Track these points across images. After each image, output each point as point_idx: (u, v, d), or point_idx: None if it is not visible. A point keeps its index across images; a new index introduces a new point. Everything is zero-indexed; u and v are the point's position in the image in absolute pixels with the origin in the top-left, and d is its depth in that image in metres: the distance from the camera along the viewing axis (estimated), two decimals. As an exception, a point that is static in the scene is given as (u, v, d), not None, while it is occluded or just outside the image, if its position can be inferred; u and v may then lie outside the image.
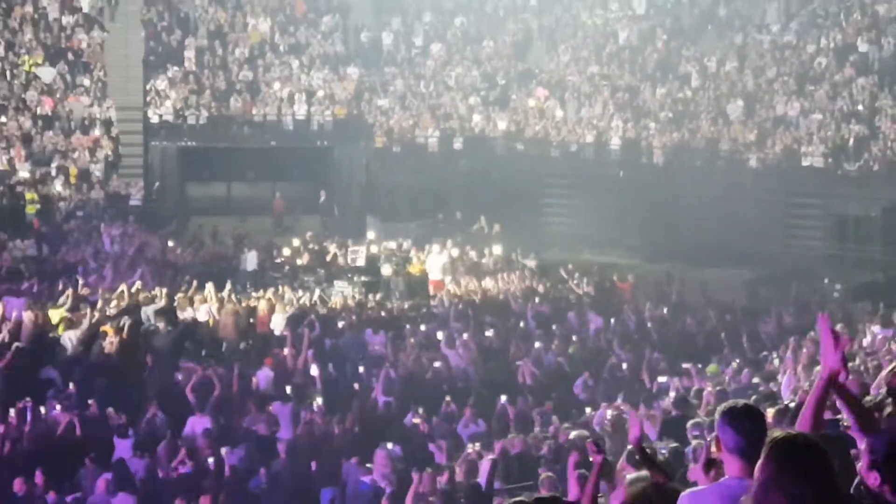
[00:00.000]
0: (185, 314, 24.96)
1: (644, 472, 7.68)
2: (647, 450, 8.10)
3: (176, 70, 43.16)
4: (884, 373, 7.13)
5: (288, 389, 20.81)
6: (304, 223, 38.98)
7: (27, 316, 22.75)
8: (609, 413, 18.14)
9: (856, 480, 5.03)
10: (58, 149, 39.45)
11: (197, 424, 19.04)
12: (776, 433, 4.72)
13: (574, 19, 47.38)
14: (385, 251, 34.16)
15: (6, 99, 40.52)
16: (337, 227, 38.84)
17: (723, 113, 40.33)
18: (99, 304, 24.24)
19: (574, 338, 25.32)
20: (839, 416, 6.29)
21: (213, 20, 45.39)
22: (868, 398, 6.19)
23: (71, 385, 20.26)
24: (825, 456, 4.47)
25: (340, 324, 25.67)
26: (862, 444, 5.64)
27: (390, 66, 46.17)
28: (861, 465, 4.72)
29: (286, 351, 22.74)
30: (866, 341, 21.69)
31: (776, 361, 21.91)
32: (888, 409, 6.49)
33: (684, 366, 22.09)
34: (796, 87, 40.33)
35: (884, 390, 6.64)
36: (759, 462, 4.41)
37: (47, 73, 41.90)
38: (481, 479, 14.88)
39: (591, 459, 8.20)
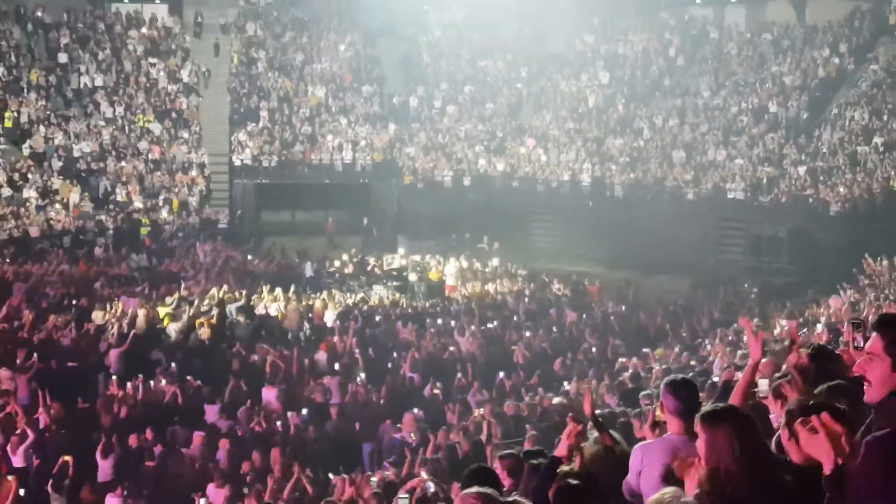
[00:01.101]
0: (260, 310, 25.11)
1: (597, 435, 7.69)
2: (600, 418, 8.12)
3: (253, 126, 43.31)
4: (790, 354, 7.13)
5: (337, 367, 20.85)
6: (350, 241, 38.98)
7: (141, 312, 22.90)
8: (580, 387, 18.14)
9: (774, 437, 5.02)
10: (164, 185, 39.64)
11: (269, 394, 19.10)
12: (705, 406, 4.74)
13: (554, 88, 47.45)
14: (411, 262, 34.21)
15: (125, 147, 40.75)
16: (375, 244, 38.86)
17: (668, 158, 40.33)
18: (195, 303, 24.32)
19: (554, 328, 25.32)
20: (755, 390, 6.28)
21: (282, 88, 45.52)
22: (778, 374, 6.18)
23: (173, 364, 20.33)
24: (748, 418, 4.47)
25: (377, 318, 25.67)
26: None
27: (415, 123, 46.30)
28: (780, 424, 4.71)
29: (336, 338, 22.77)
30: (777, 331, 21.60)
31: (708, 347, 21.85)
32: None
33: (644, 350, 22.09)
34: (723, 138, 40.34)
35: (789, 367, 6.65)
36: (700, 432, 4.39)
37: (156, 128, 42.12)
38: (482, 435, 14.89)
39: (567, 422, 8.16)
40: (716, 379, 12.47)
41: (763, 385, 6.09)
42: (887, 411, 3.61)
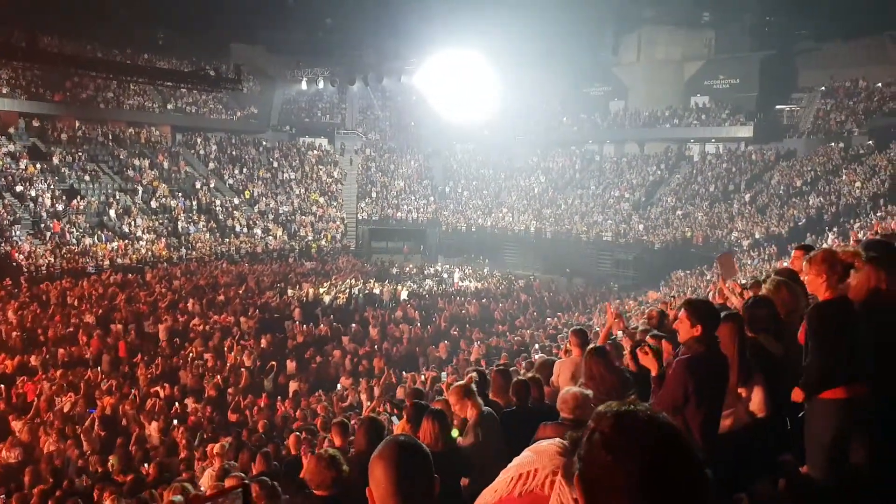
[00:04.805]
0: (370, 290, 25.14)
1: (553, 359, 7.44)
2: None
3: (368, 199, 43.45)
4: (643, 318, 7.09)
5: (406, 319, 20.82)
6: (415, 258, 38.99)
7: (311, 290, 22.97)
8: (528, 333, 17.98)
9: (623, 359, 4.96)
10: (324, 228, 39.70)
11: (372, 331, 19.03)
12: (591, 345, 4.72)
13: (517, 183, 47.10)
14: (444, 269, 34.07)
15: (304, 209, 40.83)
16: (427, 259, 38.86)
17: (573, 219, 40.02)
18: (338, 286, 24.40)
19: (515, 302, 25.22)
20: (613, 336, 6.26)
21: (382, 181, 45.64)
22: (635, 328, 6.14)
23: (331, 316, 20.35)
24: (607, 350, 4.45)
25: (427, 295, 25.66)
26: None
27: (448, 200, 46.00)
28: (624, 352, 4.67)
29: (407, 305, 22.76)
30: (625, 307, 21.45)
31: (594, 315, 21.73)
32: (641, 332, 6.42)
33: (558, 314, 21.94)
34: (601, 210, 39.96)
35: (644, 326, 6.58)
36: (588, 355, 4.37)
37: (321, 200, 42.30)
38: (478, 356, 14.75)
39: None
40: (597, 329, 12.35)
41: (619, 334, 6.09)
42: (685, 348, 3.64)
